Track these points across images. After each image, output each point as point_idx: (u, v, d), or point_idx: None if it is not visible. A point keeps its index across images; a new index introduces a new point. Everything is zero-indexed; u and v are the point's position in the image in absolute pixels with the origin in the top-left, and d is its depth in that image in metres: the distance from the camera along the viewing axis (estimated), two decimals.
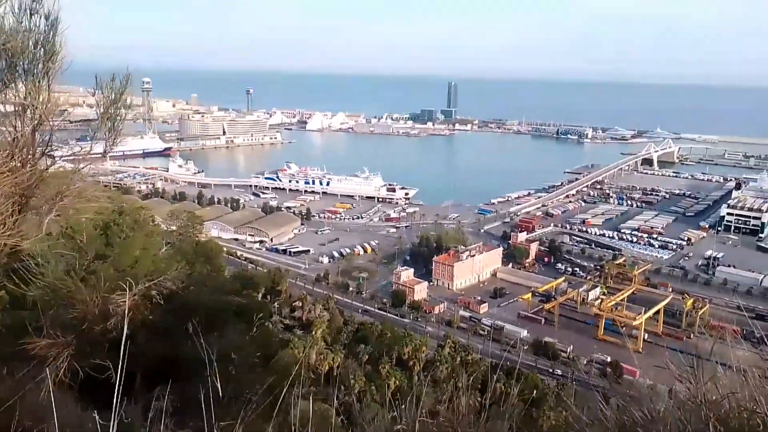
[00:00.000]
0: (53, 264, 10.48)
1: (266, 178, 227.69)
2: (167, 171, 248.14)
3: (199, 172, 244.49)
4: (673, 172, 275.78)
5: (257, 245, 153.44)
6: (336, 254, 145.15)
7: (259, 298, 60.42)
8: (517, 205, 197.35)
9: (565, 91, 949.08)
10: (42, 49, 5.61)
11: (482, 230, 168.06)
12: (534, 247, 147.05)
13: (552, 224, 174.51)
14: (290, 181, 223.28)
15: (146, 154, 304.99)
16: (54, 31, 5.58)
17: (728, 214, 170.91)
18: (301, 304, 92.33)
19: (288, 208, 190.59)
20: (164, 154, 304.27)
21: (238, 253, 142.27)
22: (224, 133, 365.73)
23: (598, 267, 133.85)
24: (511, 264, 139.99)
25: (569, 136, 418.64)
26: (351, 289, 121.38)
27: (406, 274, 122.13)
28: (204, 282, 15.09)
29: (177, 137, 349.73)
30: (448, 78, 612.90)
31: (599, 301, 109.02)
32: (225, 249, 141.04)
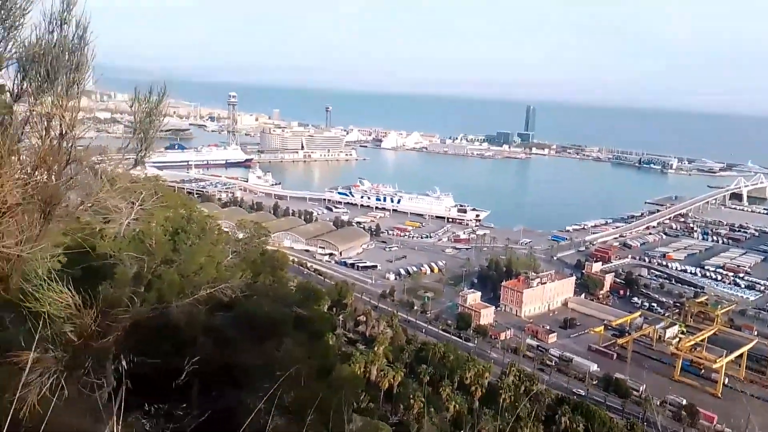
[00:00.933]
0: (127, 265, 10.98)
1: (339, 193, 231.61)
2: (247, 181, 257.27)
3: (276, 184, 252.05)
4: (764, 209, 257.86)
5: (327, 257, 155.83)
6: (403, 272, 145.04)
7: (325, 310, 61.12)
8: (594, 234, 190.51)
9: (648, 119, 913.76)
10: (71, 60, 5.77)
11: (555, 257, 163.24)
12: (609, 279, 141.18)
13: (630, 256, 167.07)
14: (362, 197, 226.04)
15: (228, 164, 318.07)
16: (83, 42, 5.74)
17: None
18: (365, 319, 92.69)
19: (358, 223, 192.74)
20: (245, 164, 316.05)
21: (308, 264, 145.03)
22: (302, 147, 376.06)
23: (678, 304, 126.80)
24: (583, 294, 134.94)
25: (652, 165, 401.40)
26: (416, 308, 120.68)
27: (473, 297, 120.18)
28: (267, 292, 15.34)
29: (258, 149, 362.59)
30: (526, 101, 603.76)
31: (677, 339, 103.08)
32: (296, 259, 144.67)
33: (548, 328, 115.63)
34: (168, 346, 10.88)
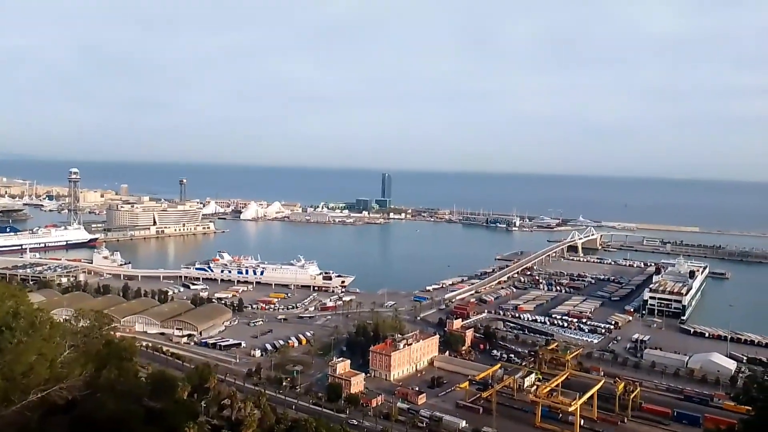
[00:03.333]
0: None
1: (197, 269, 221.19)
2: (91, 263, 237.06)
3: (125, 264, 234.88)
4: (597, 258, 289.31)
5: (185, 339, 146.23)
6: (269, 347, 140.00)
7: (184, 398, 56.75)
8: (452, 291, 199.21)
9: (492, 182, 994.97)
10: None
11: (418, 317, 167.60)
12: (470, 334, 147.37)
13: (486, 310, 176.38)
14: (222, 271, 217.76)
15: (69, 246, 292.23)
16: None
17: (651, 297, 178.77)
18: (230, 402, 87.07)
19: (219, 299, 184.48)
20: (89, 245, 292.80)
21: (164, 348, 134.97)
22: (155, 223, 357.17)
23: (532, 353, 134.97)
24: (447, 351, 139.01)
25: (498, 224, 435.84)
26: (284, 383, 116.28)
27: (342, 365, 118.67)
28: (112, 387, 13.97)
29: (104, 228, 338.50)
30: (382, 169, 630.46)
31: (535, 387, 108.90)
32: (150, 345, 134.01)
33: (417, 389, 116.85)
34: None
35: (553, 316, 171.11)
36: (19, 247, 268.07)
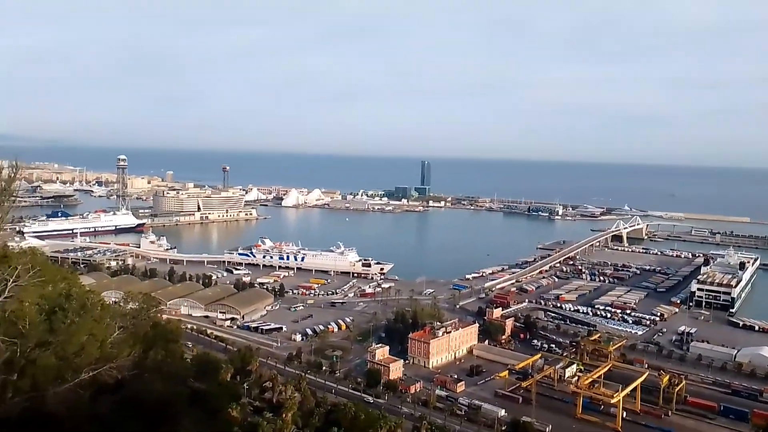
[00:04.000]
0: None
1: (240, 254, 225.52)
2: (139, 247, 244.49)
3: (171, 248, 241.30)
4: (643, 249, 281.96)
5: (228, 323, 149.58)
6: (309, 332, 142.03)
7: (227, 380, 58.10)
8: (492, 280, 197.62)
9: (535, 170, 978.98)
10: None
11: (457, 306, 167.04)
12: (509, 323, 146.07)
13: (526, 300, 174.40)
14: (264, 257, 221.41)
15: (118, 230, 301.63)
16: None
17: (698, 289, 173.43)
18: (271, 385, 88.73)
19: (261, 284, 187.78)
20: (137, 230, 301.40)
21: (208, 331, 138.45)
22: (199, 209, 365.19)
23: (574, 343, 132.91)
24: (487, 341, 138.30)
25: (540, 213, 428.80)
26: (324, 368, 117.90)
27: (381, 351, 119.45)
28: (159, 368, 14.33)
29: (151, 213, 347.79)
30: (421, 157, 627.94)
31: (576, 378, 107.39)
32: (194, 327, 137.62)
33: (456, 377, 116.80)
34: None
35: (596, 306, 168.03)
36: (71, 232, 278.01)
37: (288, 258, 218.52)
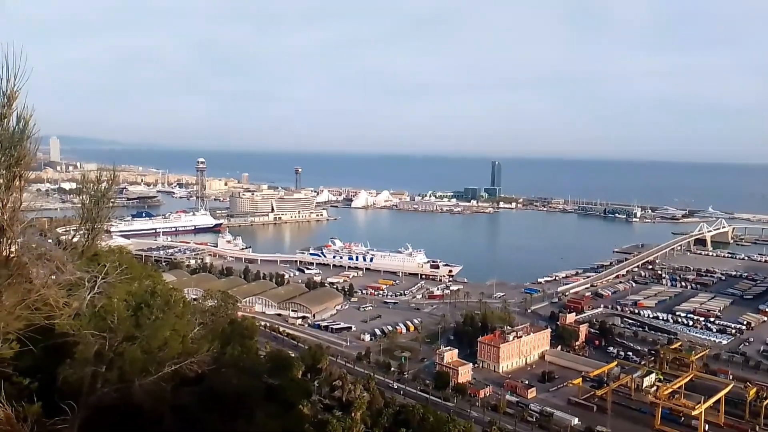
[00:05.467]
0: (88, 344, 10.52)
1: (311, 254, 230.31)
2: (216, 246, 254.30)
3: (246, 248, 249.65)
4: (728, 253, 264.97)
5: (300, 321, 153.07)
6: (378, 332, 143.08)
7: (298, 377, 59.37)
8: (565, 284, 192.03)
9: (611, 169, 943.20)
10: (10, 154, 5.60)
11: (529, 310, 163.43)
12: (584, 329, 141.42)
13: (602, 305, 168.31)
14: (334, 257, 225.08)
15: (197, 230, 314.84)
16: (25, 135, 5.61)
17: None
18: (341, 384, 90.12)
19: (331, 283, 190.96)
20: (214, 230, 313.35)
21: (281, 328, 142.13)
22: (272, 210, 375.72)
23: (653, 351, 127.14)
24: (559, 346, 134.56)
25: (617, 215, 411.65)
26: (393, 368, 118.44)
27: (450, 354, 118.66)
28: (235, 363, 14.88)
29: (227, 214, 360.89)
30: (491, 157, 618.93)
31: (655, 388, 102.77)
32: (268, 325, 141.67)
33: (527, 382, 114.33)
34: (131, 427, 10.34)
35: (677, 313, 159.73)
36: (153, 231, 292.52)
37: (357, 258, 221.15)
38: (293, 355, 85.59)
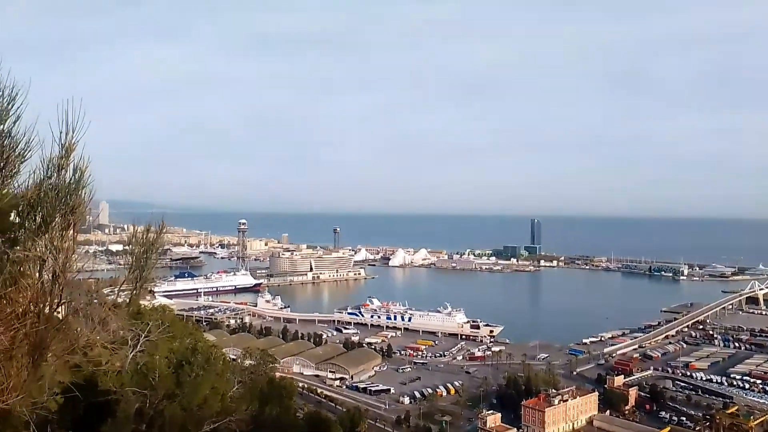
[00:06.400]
0: (129, 401, 10.61)
1: (349, 313, 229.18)
2: (255, 306, 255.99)
3: (285, 307, 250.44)
4: None
5: (337, 382, 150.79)
6: (417, 394, 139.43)
7: None
8: (612, 345, 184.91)
9: (655, 228, 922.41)
10: (66, 203, 5.88)
11: (574, 372, 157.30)
12: (633, 393, 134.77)
13: (651, 367, 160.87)
14: (372, 316, 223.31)
15: (237, 290, 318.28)
16: (80, 185, 5.90)
17: None
18: None
19: (369, 344, 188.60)
20: (254, 289, 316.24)
21: (318, 390, 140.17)
22: (311, 269, 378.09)
23: (707, 416, 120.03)
24: (608, 411, 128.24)
25: (663, 273, 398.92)
26: None
27: (493, 419, 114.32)
28: (274, 424, 14.70)
29: (267, 273, 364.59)
30: (531, 215, 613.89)
31: None
32: (305, 386, 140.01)
33: None
34: None
35: (732, 375, 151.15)
36: (195, 291, 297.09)
37: (395, 318, 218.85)
38: (331, 417, 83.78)
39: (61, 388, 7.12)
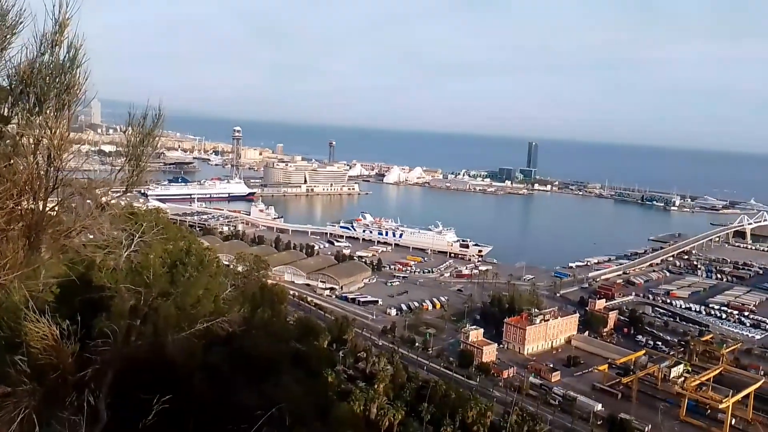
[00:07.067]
0: (124, 298, 10.76)
1: (341, 227, 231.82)
2: (249, 215, 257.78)
3: (278, 218, 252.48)
4: None
5: (327, 292, 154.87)
6: (404, 307, 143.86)
7: (324, 347, 60.24)
8: (597, 270, 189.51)
9: (651, 157, 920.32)
10: (61, 81, 5.60)
11: (558, 294, 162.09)
12: (613, 316, 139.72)
13: (633, 293, 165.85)
14: (364, 231, 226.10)
15: (231, 198, 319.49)
16: (75, 63, 5.59)
17: None
18: (365, 356, 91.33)
19: (360, 257, 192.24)
20: (248, 198, 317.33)
21: (309, 298, 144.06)
22: (305, 181, 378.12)
23: (683, 342, 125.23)
24: (587, 332, 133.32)
25: (655, 202, 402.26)
26: (417, 344, 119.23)
27: (475, 333, 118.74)
28: (265, 327, 15.11)
29: (261, 183, 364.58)
30: (529, 138, 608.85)
31: (682, 379, 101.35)
32: (296, 294, 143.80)
33: (552, 366, 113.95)
34: (163, 381, 10.56)
35: (711, 305, 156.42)
36: (189, 197, 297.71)
37: (387, 234, 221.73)
38: (320, 324, 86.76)
39: (57, 281, 7.15)
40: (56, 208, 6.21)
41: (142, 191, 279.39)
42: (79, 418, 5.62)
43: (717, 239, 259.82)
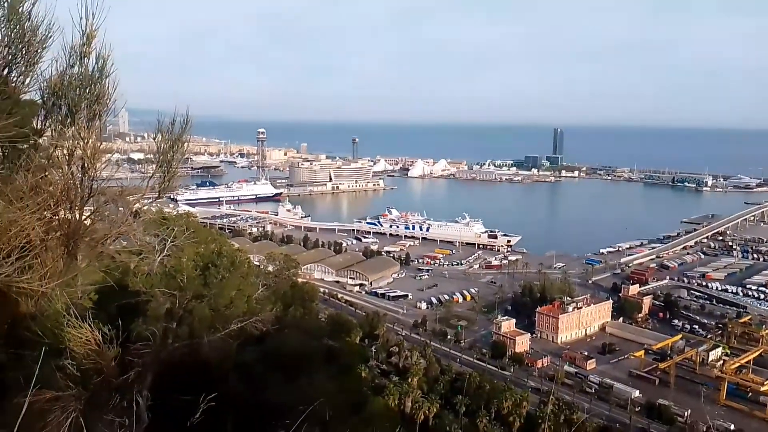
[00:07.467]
0: (159, 302, 11.05)
1: (368, 223, 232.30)
2: (277, 215, 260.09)
3: (305, 217, 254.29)
4: None
5: (357, 288, 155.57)
6: (434, 300, 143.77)
7: (356, 342, 60.61)
8: (629, 255, 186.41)
9: (681, 138, 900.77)
10: (91, 92, 5.76)
11: (590, 281, 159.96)
12: (647, 301, 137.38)
13: (668, 277, 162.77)
14: (391, 226, 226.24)
15: (258, 199, 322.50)
16: (103, 74, 5.75)
17: None
18: (398, 350, 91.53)
19: (388, 252, 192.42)
20: (275, 199, 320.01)
21: (339, 295, 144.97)
22: (330, 179, 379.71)
23: (720, 325, 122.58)
24: (621, 318, 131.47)
25: (686, 184, 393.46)
26: (449, 337, 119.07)
27: (507, 324, 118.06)
28: (297, 325, 15.32)
29: (287, 183, 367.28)
30: (554, 125, 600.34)
31: (721, 362, 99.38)
32: (326, 291, 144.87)
33: (586, 354, 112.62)
34: (199, 382, 10.81)
35: (748, 286, 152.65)
36: (217, 200, 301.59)
37: (414, 228, 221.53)
38: (352, 320, 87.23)
39: (95, 288, 7.39)
40: (91, 217, 6.41)
41: (172, 196, 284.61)
42: (123, 420, 5.81)
43: (752, 218, 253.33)
